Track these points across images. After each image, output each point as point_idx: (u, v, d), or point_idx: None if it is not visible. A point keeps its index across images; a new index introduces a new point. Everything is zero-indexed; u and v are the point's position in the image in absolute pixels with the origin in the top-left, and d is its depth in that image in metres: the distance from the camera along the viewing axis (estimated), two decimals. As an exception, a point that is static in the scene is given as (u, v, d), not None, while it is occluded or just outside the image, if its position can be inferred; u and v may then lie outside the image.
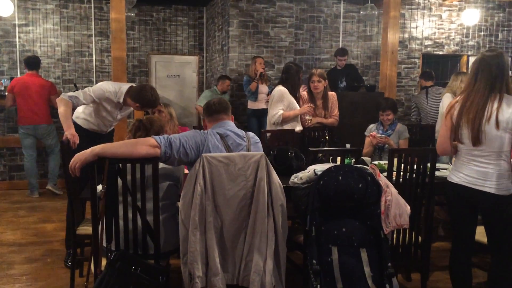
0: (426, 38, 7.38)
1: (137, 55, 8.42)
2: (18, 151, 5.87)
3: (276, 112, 4.02)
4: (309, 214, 2.33)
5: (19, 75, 7.57)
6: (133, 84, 3.56)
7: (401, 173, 2.75)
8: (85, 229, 2.92)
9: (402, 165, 2.77)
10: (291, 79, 4.10)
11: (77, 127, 3.50)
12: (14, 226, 4.38)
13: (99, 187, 2.89)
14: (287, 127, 4.05)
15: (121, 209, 2.32)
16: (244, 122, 6.69)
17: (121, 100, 3.46)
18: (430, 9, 7.32)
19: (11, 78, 6.52)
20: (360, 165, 2.41)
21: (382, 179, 2.36)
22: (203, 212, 2.32)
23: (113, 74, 5.13)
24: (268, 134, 4.02)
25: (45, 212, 4.89)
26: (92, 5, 8.02)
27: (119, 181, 2.34)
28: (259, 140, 2.58)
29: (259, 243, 2.34)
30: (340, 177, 2.30)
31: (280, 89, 4.08)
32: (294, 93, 4.12)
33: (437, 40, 7.43)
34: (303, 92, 4.30)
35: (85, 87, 8.12)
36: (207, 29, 8.48)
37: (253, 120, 6.23)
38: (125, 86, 3.50)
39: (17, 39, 7.73)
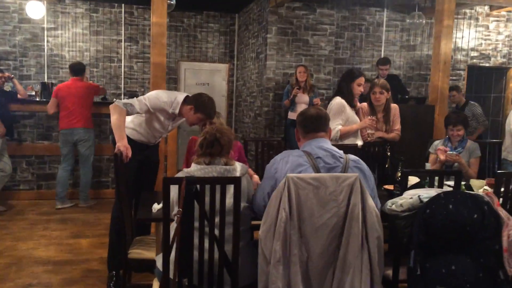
0: (472, 49, 7.01)
1: (167, 62, 8.12)
2: (47, 159, 5.61)
3: (333, 127, 3.66)
4: (413, 249, 1.99)
5: (45, 80, 7.37)
6: (188, 94, 3.27)
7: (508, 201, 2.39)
8: (139, 253, 2.60)
9: None
10: (348, 88, 3.73)
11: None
12: (46, 241, 4.09)
13: (156, 206, 2.59)
14: (347, 141, 3.71)
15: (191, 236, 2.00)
16: (281, 133, 6.38)
17: (176, 111, 3.16)
18: (477, 19, 6.97)
19: (43, 84, 6.30)
20: (474, 192, 2.06)
21: (501, 209, 2.01)
22: (287, 243, 1.99)
23: (152, 81, 4.84)
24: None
25: (78, 225, 4.60)
26: (123, 10, 7.80)
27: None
28: (362, 164, 2.19)
29: (351, 281, 2.00)
30: (450, 206, 1.96)
31: (338, 101, 3.72)
32: (352, 103, 3.76)
33: (483, 52, 7.06)
34: (363, 104, 3.96)
35: (113, 94, 7.97)
36: (239, 36, 8.20)
37: (293, 131, 5.91)
38: (181, 96, 3.20)
39: (45, 43, 7.53)
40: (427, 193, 2.03)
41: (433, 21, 6.80)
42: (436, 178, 2.61)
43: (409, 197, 2.09)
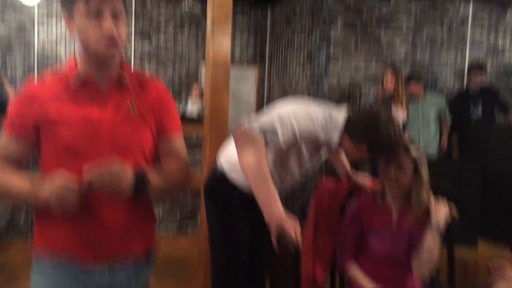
0: None
1: (185, 63, 6.68)
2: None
3: None
4: None
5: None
6: (347, 109, 1.83)
7: None
8: None
9: None
10: None
11: (228, 186, 1.81)
12: None
13: None
14: None
15: None
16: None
17: (333, 139, 1.74)
18: None
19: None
20: None
21: None
22: None
23: (211, 88, 3.37)
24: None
25: None
26: (132, -2, 6.31)
27: None
28: None
29: None
30: None
31: None
32: None
33: None
34: None
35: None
36: (272, 33, 6.79)
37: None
38: (338, 112, 1.78)
39: (35, 38, 5.93)
40: None
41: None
42: None
43: None
